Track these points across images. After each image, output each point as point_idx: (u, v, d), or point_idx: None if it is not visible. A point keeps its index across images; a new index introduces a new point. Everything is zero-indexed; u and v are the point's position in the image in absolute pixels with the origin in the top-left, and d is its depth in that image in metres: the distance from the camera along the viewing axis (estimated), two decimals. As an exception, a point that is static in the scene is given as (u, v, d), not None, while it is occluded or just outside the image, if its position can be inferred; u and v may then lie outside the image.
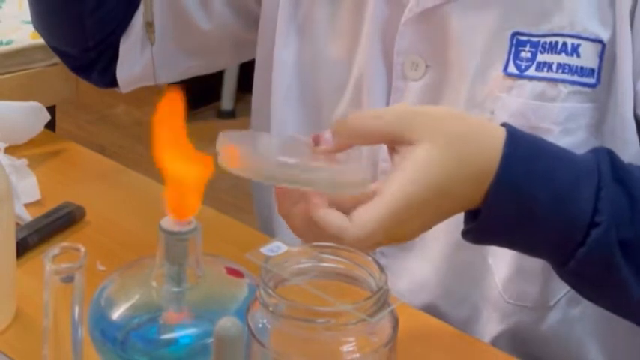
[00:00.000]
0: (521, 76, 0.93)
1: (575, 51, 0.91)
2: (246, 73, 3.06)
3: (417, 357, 0.86)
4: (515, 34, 0.93)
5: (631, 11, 0.90)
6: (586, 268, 0.82)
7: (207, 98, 3.07)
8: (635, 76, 0.91)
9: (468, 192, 0.80)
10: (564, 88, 0.92)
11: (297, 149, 0.81)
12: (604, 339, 0.98)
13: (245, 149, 0.79)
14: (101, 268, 0.93)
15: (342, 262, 0.71)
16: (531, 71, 0.93)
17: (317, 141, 0.81)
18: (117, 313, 0.74)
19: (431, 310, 0.98)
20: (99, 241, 0.99)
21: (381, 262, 0.99)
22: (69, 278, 0.66)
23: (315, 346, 0.66)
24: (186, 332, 0.74)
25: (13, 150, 1.13)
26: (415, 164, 0.78)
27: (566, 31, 0.91)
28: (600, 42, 0.91)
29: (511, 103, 0.93)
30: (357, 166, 0.81)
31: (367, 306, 0.66)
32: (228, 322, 0.61)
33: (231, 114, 3.11)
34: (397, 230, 0.79)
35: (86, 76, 1.19)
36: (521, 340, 0.98)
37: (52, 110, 1.20)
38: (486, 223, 0.81)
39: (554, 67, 0.92)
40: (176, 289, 0.73)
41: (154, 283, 0.74)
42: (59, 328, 0.68)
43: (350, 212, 0.78)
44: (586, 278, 0.83)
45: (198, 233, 0.72)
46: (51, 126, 1.21)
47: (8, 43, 1.24)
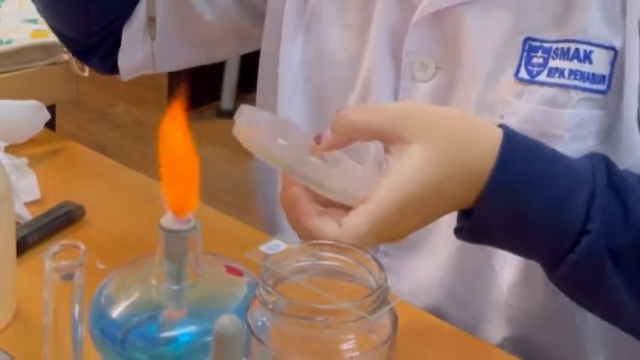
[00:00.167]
0: (532, 82, 0.92)
1: (587, 57, 0.90)
2: (246, 72, 3.07)
3: (416, 355, 0.86)
4: (527, 39, 0.92)
5: (639, 22, 0.90)
6: (576, 274, 0.81)
7: (208, 97, 3.07)
8: None
9: (462, 192, 0.80)
10: (576, 95, 0.91)
11: (300, 141, 0.81)
12: (609, 345, 0.97)
13: (262, 130, 0.79)
14: (101, 266, 0.93)
15: (342, 261, 0.71)
16: (543, 77, 0.92)
17: (318, 141, 0.81)
18: (116, 312, 0.74)
19: (434, 312, 0.97)
20: (99, 240, 0.99)
21: (384, 262, 0.99)
22: (69, 276, 0.66)
23: (314, 344, 0.66)
24: (185, 330, 0.74)
25: (13, 149, 1.13)
26: (410, 165, 0.78)
27: (578, 38, 0.91)
28: (613, 49, 0.90)
29: (521, 109, 0.92)
30: (359, 181, 0.81)
31: (367, 304, 0.66)
32: (227, 320, 0.61)
33: (231, 113, 3.10)
34: (389, 232, 0.79)
35: (87, 62, 1.19)
36: (525, 345, 0.97)
37: (52, 109, 1.20)
38: (479, 223, 0.81)
39: (566, 73, 0.91)
40: (176, 287, 0.73)
41: (154, 282, 0.74)
42: (59, 327, 0.68)
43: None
44: (576, 284, 0.83)
45: (198, 231, 0.72)
46: (51, 125, 1.20)
47: (8, 42, 1.24)
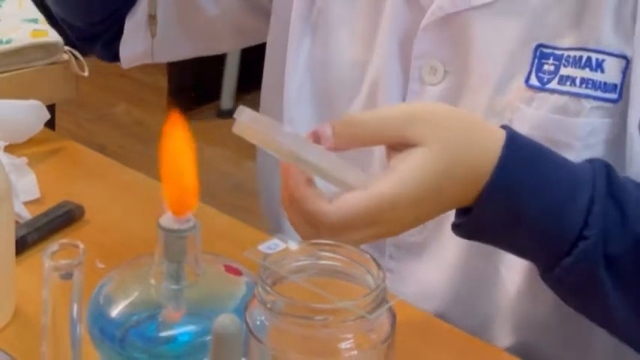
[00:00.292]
0: (542, 89, 0.91)
1: (599, 66, 0.90)
2: (246, 72, 3.07)
3: (414, 354, 0.86)
4: (539, 46, 0.92)
5: None
6: (570, 278, 0.82)
7: (207, 97, 3.07)
8: None
9: (461, 191, 0.80)
10: (587, 104, 0.90)
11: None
12: (617, 353, 0.95)
13: (263, 121, 0.81)
14: (100, 266, 0.93)
15: (341, 260, 0.71)
16: (553, 84, 0.91)
17: (316, 136, 0.81)
18: (116, 311, 0.74)
19: (439, 317, 0.96)
20: (98, 240, 0.99)
21: (390, 265, 1.00)
22: (68, 275, 0.66)
23: (313, 343, 0.66)
24: (184, 330, 0.74)
25: (13, 148, 1.13)
26: (410, 166, 0.78)
27: (591, 46, 0.90)
28: (624, 57, 0.89)
29: (531, 115, 0.91)
30: (359, 173, 0.81)
31: (365, 303, 0.66)
32: (226, 320, 0.61)
33: (231, 113, 3.09)
34: (379, 225, 0.79)
35: (89, 49, 1.19)
36: (532, 351, 0.96)
37: (51, 109, 1.20)
38: (476, 222, 0.81)
39: (578, 81, 0.90)
40: (175, 286, 0.73)
41: (153, 281, 0.74)
42: (58, 326, 0.68)
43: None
44: (569, 287, 0.83)
45: (197, 231, 0.72)
46: (50, 124, 1.20)
47: (8, 41, 1.24)
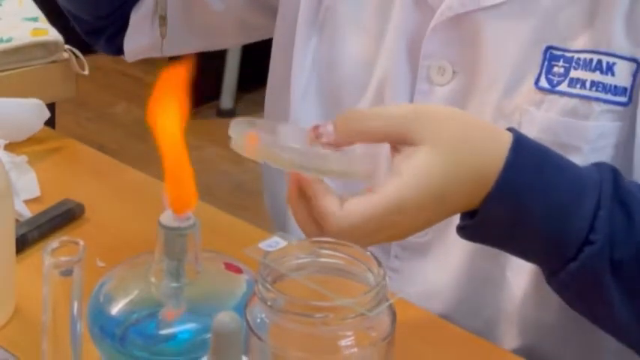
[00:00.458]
0: (552, 91, 0.91)
1: (610, 69, 0.89)
2: (246, 71, 3.07)
3: (414, 351, 0.86)
4: (549, 48, 0.91)
5: None
6: (575, 282, 0.81)
7: (208, 97, 3.07)
8: None
9: (467, 195, 0.79)
10: (598, 107, 0.90)
11: (299, 137, 0.81)
12: (625, 356, 0.94)
13: (261, 136, 0.79)
14: (100, 264, 0.93)
15: (341, 258, 0.71)
16: (563, 87, 0.91)
17: (316, 132, 0.81)
18: (116, 309, 0.74)
19: (444, 318, 0.95)
20: (98, 238, 0.99)
21: (395, 265, 1.00)
22: (68, 272, 0.66)
23: (313, 341, 0.66)
24: (185, 328, 0.74)
25: (13, 147, 1.13)
26: (415, 168, 0.78)
27: (602, 49, 0.89)
28: (635, 61, 0.89)
29: (540, 118, 0.91)
30: (365, 157, 0.80)
31: (365, 301, 0.66)
32: (226, 317, 0.61)
33: (231, 113, 3.11)
34: (387, 229, 0.79)
35: (95, 42, 1.19)
36: (538, 355, 0.96)
37: (51, 107, 1.20)
38: (481, 225, 0.81)
39: (588, 84, 0.90)
40: (175, 284, 0.73)
41: (153, 279, 0.74)
42: (58, 324, 0.68)
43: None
44: (575, 292, 0.83)
45: (197, 229, 0.72)
46: (51, 123, 1.21)
47: (8, 40, 1.24)
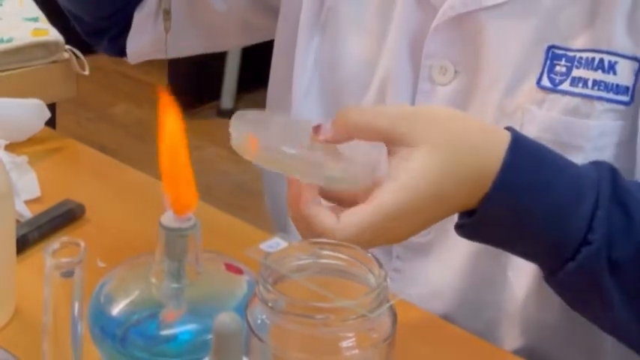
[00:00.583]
0: (554, 90, 0.91)
1: (612, 68, 0.89)
2: (246, 71, 3.07)
3: (415, 353, 0.86)
4: (551, 47, 0.91)
5: None
6: (573, 282, 0.81)
7: (208, 97, 3.07)
8: None
9: (465, 195, 0.80)
10: (600, 106, 0.90)
11: (299, 136, 0.81)
12: (627, 357, 0.94)
13: (261, 140, 0.80)
14: (101, 265, 0.93)
15: (342, 259, 0.71)
16: (565, 86, 0.91)
17: (317, 131, 0.81)
18: (116, 310, 0.74)
19: (446, 318, 0.95)
20: (99, 238, 0.99)
21: (397, 265, 1.00)
22: (69, 273, 0.66)
23: (314, 342, 0.66)
24: (185, 328, 0.74)
25: (14, 147, 1.13)
26: (413, 171, 0.78)
27: (604, 48, 0.90)
28: (637, 60, 0.89)
29: (542, 117, 0.91)
30: (365, 167, 0.80)
31: (366, 302, 0.66)
32: (227, 318, 0.61)
33: (231, 112, 3.10)
34: (386, 235, 0.79)
35: (97, 43, 1.19)
36: (540, 356, 0.96)
37: (52, 108, 1.20)
38: (479, 224, 0.81)
39: (590, 83, 0.90)
40: (175, 285, 0.73)
41: (154, 280, 0.74)
42: (59, 324, 0.68)
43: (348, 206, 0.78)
44: (573, 291, 0.83)
45: (198, 230, 0.72)
46: (51, 123, 1.21)
47: (9, 40, 1.24)
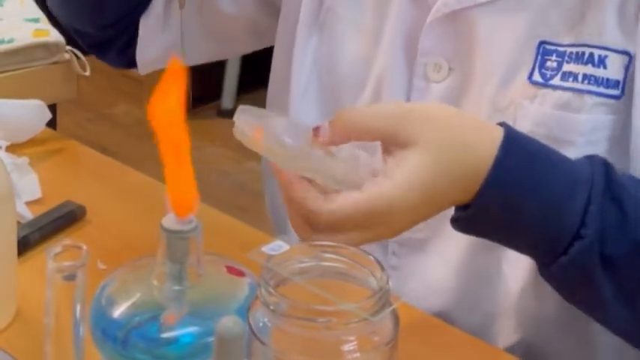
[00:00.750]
0: (545, 85, 0.92)
1: (602, 62, 0.90)
2: (247, 72, 3.07)
3: (418, 356, 0.86)
4: (542, 43, 0.92)
5: None
6: (567, 276, 0.82)
7: (208, 97, 3.07)
8: None
9: (458, 191, 0.80)
10: (590, 100, 0.90)
11: (299, 136, 0.81)
12: (623, 352, 0.95)
13: (266, 132, 0.80)
14: (102, 266, 0.93)
15: (344, 262, 0.71)
16: (556, 80, 0.91)
17: (317, 133, 0.81)
18: (118, 312, 0.74)
19: (443, 314, 0.96)
20: (100, 240, 0.99)
21: (393, 262, 1.00)
22: (71, 276, 0.66)
23: (316, 345, 0.66)
24: (187, 331, 0.74)
25: (15, 148, 1.13)
26: (407, 170, 0.78)
27: (593, 42, 0.90)
28: (627, 54, 0.89)
29: (534, 112, 0.92)
30: (365, 168, 0.81)
31: (369, 305, 0.66)
32: (229, 321, 0.61)
33: (231, 113, 3.10)
34: (372, 228, 0.79)
35: (102, 55, 1.18)
36: (536, 351, 0.96)
37: (53, 108, 1.20)
38: (474, 219, 0.81)
39: (580, 77, 0.90)
40: (177, 287, 0.73)
41: (155, 282, 0.74)
42: (60, 327, 0.68)
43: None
44: (567, 284, 0.84)
45: (199, 232, 0.72)
46: (52, 124, 1.20)
47: (10, 41, 1.24)
